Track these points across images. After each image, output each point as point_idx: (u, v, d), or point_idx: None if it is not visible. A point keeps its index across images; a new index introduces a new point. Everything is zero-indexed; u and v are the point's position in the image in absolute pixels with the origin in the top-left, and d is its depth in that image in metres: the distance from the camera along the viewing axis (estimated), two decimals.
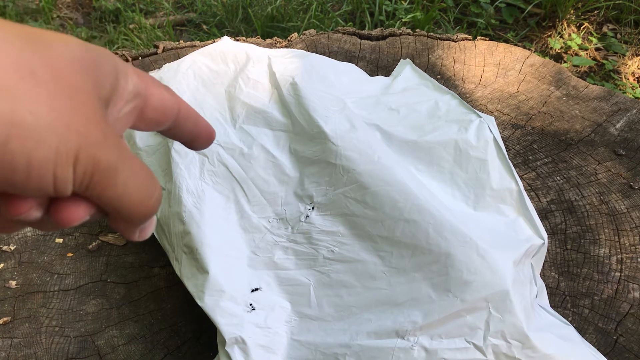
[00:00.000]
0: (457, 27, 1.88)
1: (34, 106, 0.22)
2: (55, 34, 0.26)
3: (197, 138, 0.34)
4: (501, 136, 0.77)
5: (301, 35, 0.92)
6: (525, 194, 0.56)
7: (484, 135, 0.59)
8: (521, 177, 0.72)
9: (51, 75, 0.23)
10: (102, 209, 0.26)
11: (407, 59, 0.74)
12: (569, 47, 1.84)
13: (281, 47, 0.87)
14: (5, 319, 0.59)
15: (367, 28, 1.81)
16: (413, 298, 0.49)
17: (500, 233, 0.53)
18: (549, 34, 1.89)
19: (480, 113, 0.62)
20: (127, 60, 0.86)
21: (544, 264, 0.63)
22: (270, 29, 1.78)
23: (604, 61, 1.81)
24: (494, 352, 0.47)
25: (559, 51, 1.83)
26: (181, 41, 0.92)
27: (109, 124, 0.26)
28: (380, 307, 0.50)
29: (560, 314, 0.58)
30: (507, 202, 0.56)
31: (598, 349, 0.56)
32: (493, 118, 0.63)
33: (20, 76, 0.22)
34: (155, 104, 0.30)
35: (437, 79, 0.85)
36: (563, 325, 0.52)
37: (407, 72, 0.72)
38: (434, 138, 0.59)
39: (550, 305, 0.59)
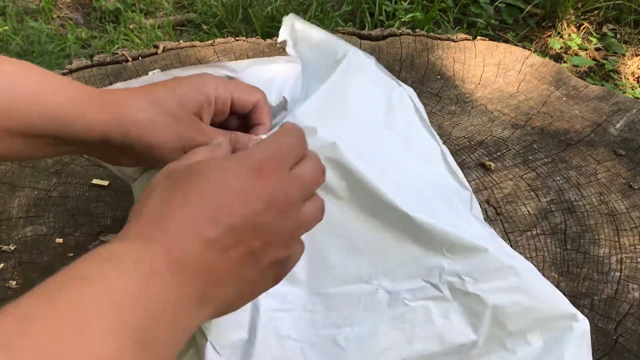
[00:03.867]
0: (457, 27, 1.88)
1: (158, 139, 0.48)
2: (169, 87, 0.50)
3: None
4: (501, 136, 0.77)
5: None
6: (449, 154, 0.59)
7: (405, 103, 0.60)
8: (521, 177, 0.72)
9: (163, 114, 0.49)
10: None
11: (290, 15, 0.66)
12: (569, 47, 1.84)
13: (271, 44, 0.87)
14: None
15: (367, 28, 1.81)
16: (373, 244, 0.51)
17: (442, 187, 0.56)
18: (549, 34, 1.89)
19: (400, 82, 0.61)
20: (127, 61, 0.86)
21: (544, 264, 0.63)
22: (270, 29, 1.78)
23: (604, 61, 1.81)
24: (449, 288, 0.50)
25: (558, 51, 1.83)
26: (181, 41, 0.92)
27: (199, 124, 0.50)
28: (342, 254, 0.52)
29: None
30: (436, 162, 0.58)
31: (598, 349, 0.56)
32: (412, 89, 0.63)
33: (153, 122, 0.48)
34: (235, 101, 0.52)
35: (437, 79, 0.85)
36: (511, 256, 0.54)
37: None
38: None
39: None
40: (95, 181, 0.71)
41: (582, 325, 0.51)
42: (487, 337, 0.50)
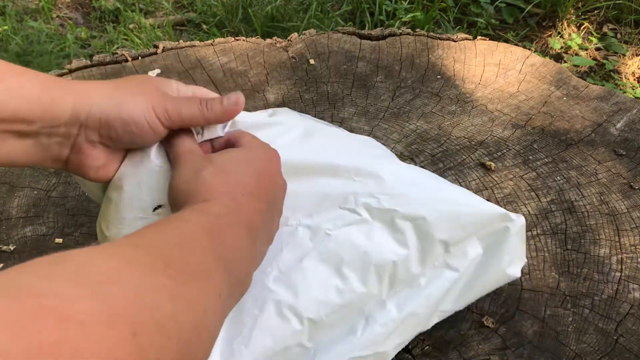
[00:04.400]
0: (457, 27, 1.88)
1: (128, 98, 0.48)
2: (129, 77, 0.53)
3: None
4: (501, 136, 0.77)
5: (301, 35, 0.92)
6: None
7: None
8: (521, 177, 0.71)
9: (132, 86, 0.50)
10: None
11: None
12: (569, 47, 1.84)
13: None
14: None
15: (367, 28, 1.81)
16: (288, 192, 0.53)
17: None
18: (549, 33, 1.89)
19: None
20: (126, 60, 0.86)
21: (544, 264, 0.63)
22: (270, 29, 1.78)
23: (604, 61, 1.81)
24: (366, 209, 0.51)
25: (559, 51, 1.83)
26: (181, 41, 0.91)
27: (168, 95, 0.51)
28: None
29: (561, 314, 0.58)
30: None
31: (598, 349, 0.56)
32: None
33: (121, 91, 0.49)
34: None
35: (437, 79, 0.85)
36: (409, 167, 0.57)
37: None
38: None
39: (551, 306, 0.59)
40: None
41: (518, 223, 0.53)
42: (419, 251, 0.51)
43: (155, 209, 0.50)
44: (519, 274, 0.54)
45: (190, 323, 0.32)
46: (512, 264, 0.53)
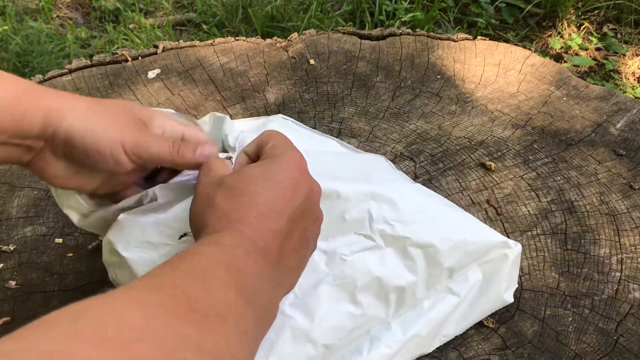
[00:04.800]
0: (457, 27, 1.88)
1: (99, 125, 0.47)
2: (112, 100, 0.52)
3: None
4: (501, 136, 0.77)
5: (301, 35, 0.92)
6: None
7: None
8: (521, 177, 0.71)
9: (108, 113, 0.48)
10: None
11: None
12: (569, 47, 1.84)
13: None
14: (5, 319, 0.59)
15: (367, 28, 1.81)
16: None
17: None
18: (549, 33, 1.89)
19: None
20: (126, 60, 0.86)
21: (544, 264, 0.63)
22: (270, 29, 1.78)
23: (604, 61, 1.81)
24: (381, 236, 0.52)
25: (559, 51, 1.83)
26: (181, 41, 0.91)
27: (143, 127, 0.50)
28: None
29: (561, 314, 0.58)
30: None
31: (598, 349, 0.56)
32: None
33: (95, 115, 0.47)
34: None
35: (437, 79, 0.85)
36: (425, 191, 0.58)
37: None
38: None
39: (551, 306, 0.59)
40: None
41: (515, 250, 0.56)
42: (426, 277, 0.52)
43: (181, 236, 0.51)
44: (512, 299, 0.57)
45: None
46: (508, 289, 0.57)
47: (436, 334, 0.54)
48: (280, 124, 0.61)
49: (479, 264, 0.54)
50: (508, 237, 0.65)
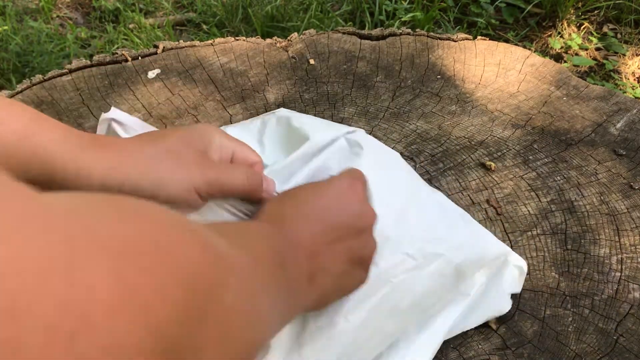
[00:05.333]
0: (457, 27, 1.88)
1: (166, 174, 0.44)
2: (169, 130, 0.50)
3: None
4: (501, 136, 0.77)
5: (301, 35, 0.92)
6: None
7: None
8: (521, 177, 0.71)
9: (168, 155, 0.45)
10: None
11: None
12: (569, 47, 1.84)
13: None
14: None
15: (367, 28, 1.81)
16: None
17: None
18: (549, 33, 1.89)
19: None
20: (126, 60, 0.86)
21: (544, 264, 0.63)
22: (270, 29, 1.78)
23: (604, 61, 1.81)
24: (422, 255, 0.55)
25: (559, 51, 1.83)
26: (181, 41, 0.91)
27: (208, 159, 0.47)
28: None
29: (561, 314, 0.58)
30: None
31: (598, 349, 0.56)
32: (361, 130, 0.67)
33: (156, 163, 0.44)
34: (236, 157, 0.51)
35: (437, 79, 0.85)
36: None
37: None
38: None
39: (551, 306, 0.59)
40: None
41: (515, 259, 0.59)
42: (454, 291, 0.55)
43: None
44: (509, 307, 0.58)
45: None
46: (504, 297, 0.58)
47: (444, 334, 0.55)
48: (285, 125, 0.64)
49: (484, 269, 0.57)
50: (508, 237, 0.65)
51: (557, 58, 1.81)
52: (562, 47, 1.84)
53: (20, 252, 0.16)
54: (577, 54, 1.82)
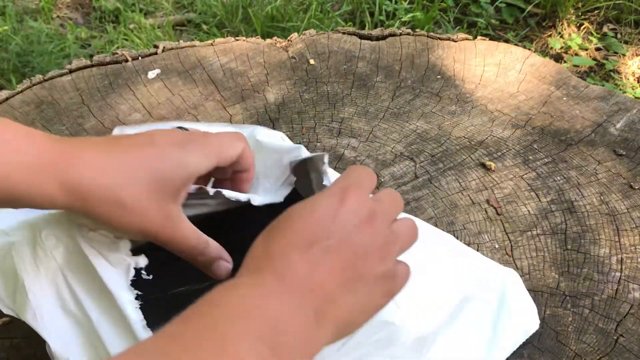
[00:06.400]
0: (457, 27, 1.88)
1: (125, 218, 0.44)
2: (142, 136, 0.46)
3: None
4: (501, 136, 0.77)
5: (301, 35, 0.92)
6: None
7: None
8: (521, 177, 0.72)
9: (138, 198, 0.43)
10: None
11: None
12: (569, 47, 1.84)
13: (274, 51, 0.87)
14: (5, 319, 0.59)
15: (367, 28, 1.81)
16: None
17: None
18: (549, 33, 1.89)
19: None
20: (126, 60, 0.86)
21: (544, 264, 0.63)
22: (270, 29, 1.78)
23: (604, 61, 1.81)
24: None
25: (559, 51, 1.83)
26: (181, 41, 0.92)
27: (170, 219, 0.45)
28: None
29: (561, 314, 0.58)
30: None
31: (598, 349, 0.56)
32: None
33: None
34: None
35: (437, 79, 0.85)
36: None
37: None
38: None
39: (551, 306, 0.59)
40: None
41: (513, 276, 0.59)
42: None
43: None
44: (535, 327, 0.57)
45: None
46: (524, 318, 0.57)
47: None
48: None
49: (490, 290, 0.57)
50: (508, 237, 0.65)
51: (557, 58, 1.81)
52: (562, 47, 1.84)
53: None
54: (577, 54, 1.82)
